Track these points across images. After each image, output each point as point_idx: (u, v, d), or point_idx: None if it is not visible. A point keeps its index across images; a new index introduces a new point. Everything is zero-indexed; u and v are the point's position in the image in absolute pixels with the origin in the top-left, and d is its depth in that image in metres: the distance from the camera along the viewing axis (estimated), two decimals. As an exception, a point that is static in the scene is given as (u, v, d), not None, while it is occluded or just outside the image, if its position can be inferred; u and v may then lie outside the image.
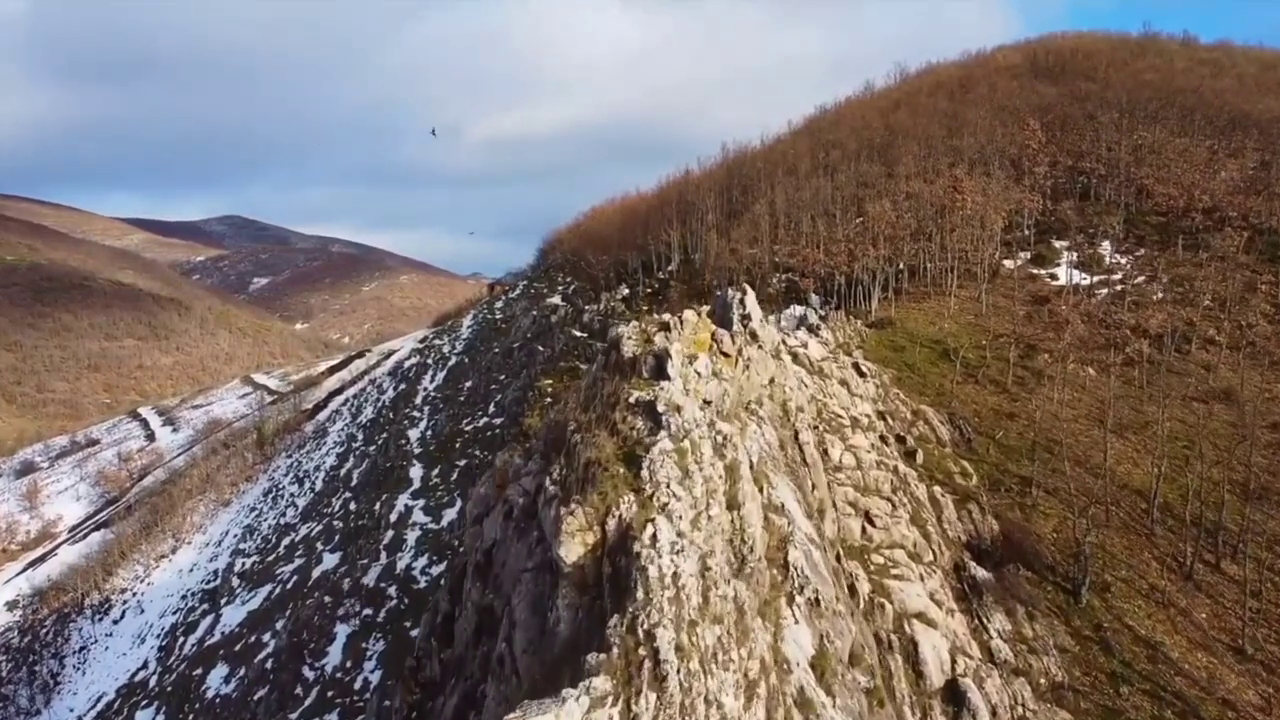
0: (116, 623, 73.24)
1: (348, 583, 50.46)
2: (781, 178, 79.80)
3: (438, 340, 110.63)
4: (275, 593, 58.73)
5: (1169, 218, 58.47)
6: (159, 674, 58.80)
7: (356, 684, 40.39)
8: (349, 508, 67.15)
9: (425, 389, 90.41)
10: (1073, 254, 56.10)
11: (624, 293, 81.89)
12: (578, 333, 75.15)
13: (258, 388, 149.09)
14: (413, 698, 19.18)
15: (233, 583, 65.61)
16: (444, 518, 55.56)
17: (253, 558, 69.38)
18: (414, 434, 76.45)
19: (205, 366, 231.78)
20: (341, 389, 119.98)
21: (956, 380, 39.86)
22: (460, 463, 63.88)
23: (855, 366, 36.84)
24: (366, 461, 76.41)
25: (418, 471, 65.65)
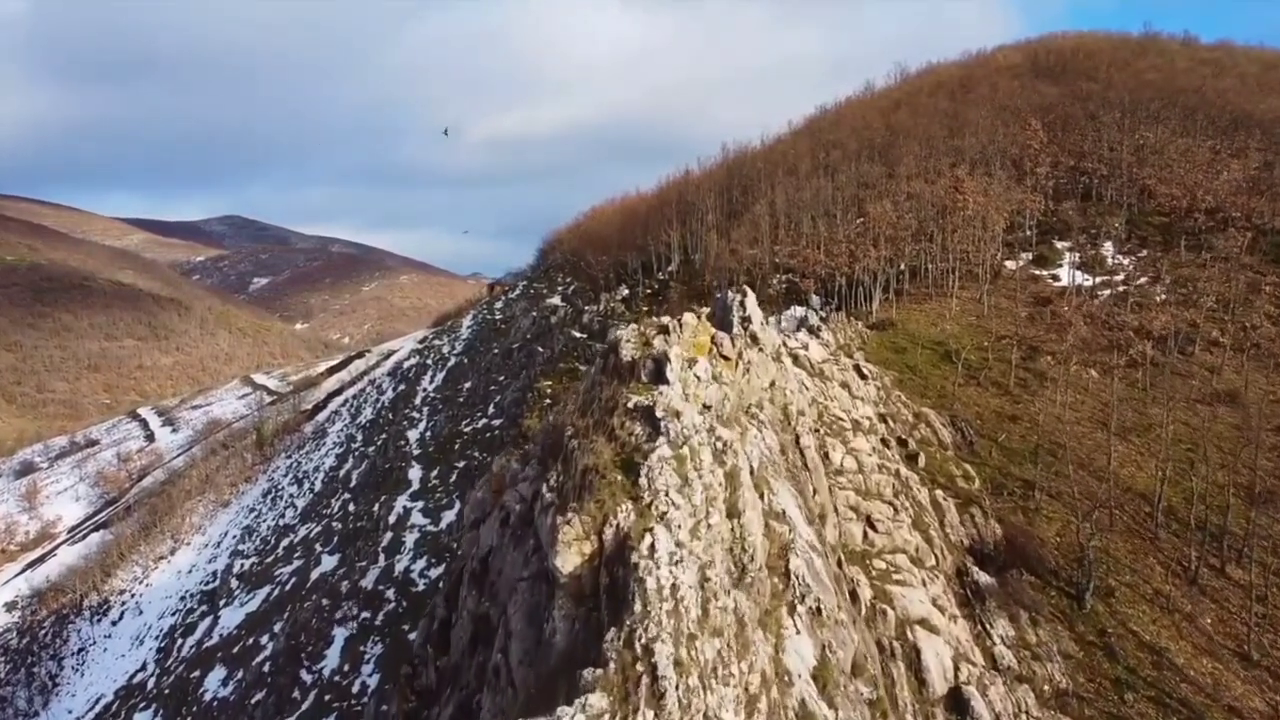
0: (115, 624, 73.02)
1: (346, 585, 50.24)
2: (782, 178, 79.52)
3: (437, 341, 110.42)
4: (274, 595, 58.51)
5: (1172, 218, 58.20)
6: (157, 676, 58.58)
7: (354, 688, 40.16)
8: (348, 509, 66.94)
9: (424, 390, 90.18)
10: (1075, 255, 55.84)
11: (624, 293, 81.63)
12: (577, 334, 74.92)
13: (257, 388, 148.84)
14: (408, 706, 18.90)
15: (231, 584, 65.40)
16: (443, 520, 55.33)
17: (251, 559, 69.16)
18: (413, 435, 76.23)
19: (205, 367, 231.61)
20: (341, 389, 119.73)
21: (958, 382, 39.59)
22: (459, 464, 63.67)
23: (856, 369, 36.57)
24: (365, 462, 76.19)
25: (416, 473, 65.43)
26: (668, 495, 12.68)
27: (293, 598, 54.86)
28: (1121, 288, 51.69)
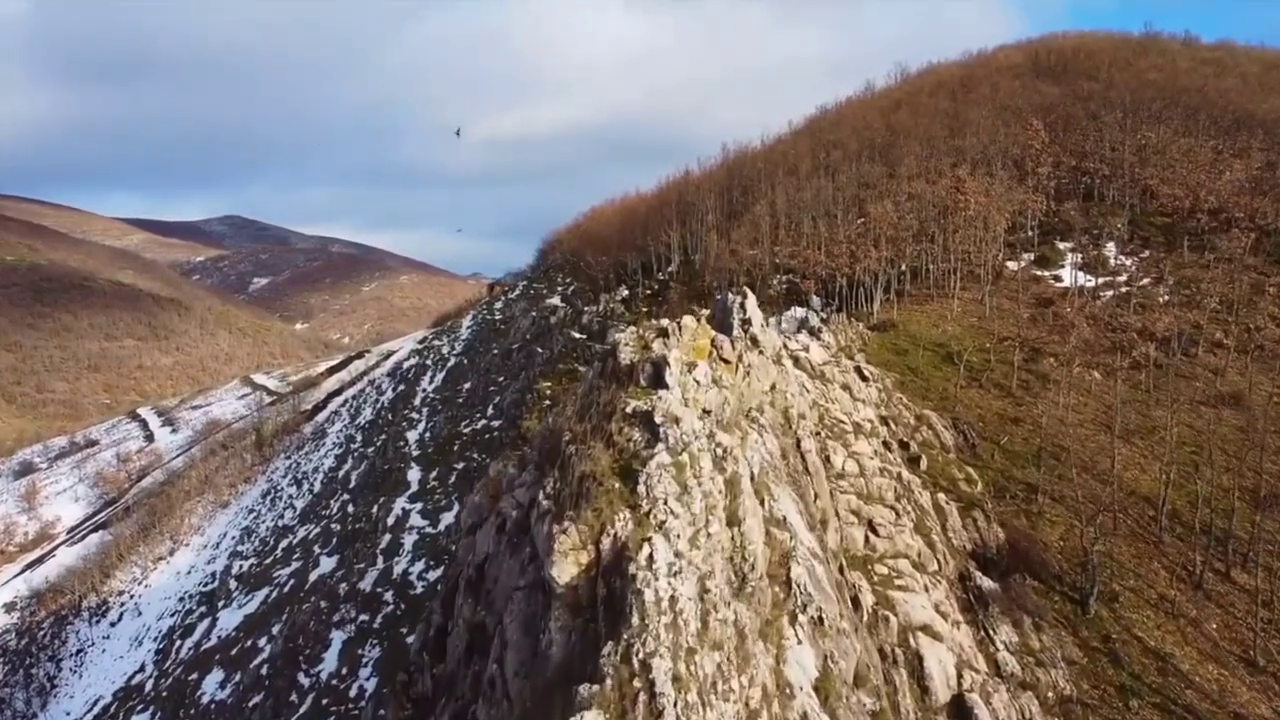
0: (114, 625, 72.82)
1: (344, 587, 50.00)
2: (782, 178, 79.22)
3: (437, 341, 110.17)
4: (272, 596, 58.28)
5: (1174, 219, 57.88)
6: (155, 678, 58.36)
7: (352, 691, 39.90)
8: (347, 510, 66.70)
9: (424, 390, 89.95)
10: (1077, 255, 55.55)
11: (623, 294, 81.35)
12: (576, 334, 74.67)
13: (257, 388, 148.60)
14: (404, 714, 18.65)
15: (230, 585, 65.16)
16: (441, 521, 55.08)
17: (250, 560, 68.91)
18: (412, 436, 75.99)
19: (205, 367, 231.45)
20: (340, 390, 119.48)
21: (960, 384, 39.29)
22: (458, 465, 63.44)
23: (857, 370, 36.28)
24: (365, 463, 75.95)
25: (415, 474, 65.20)
26: (666, 503, 12.43)
27: (291, 600, 54.62)
28: (1124, 289, 51.39)
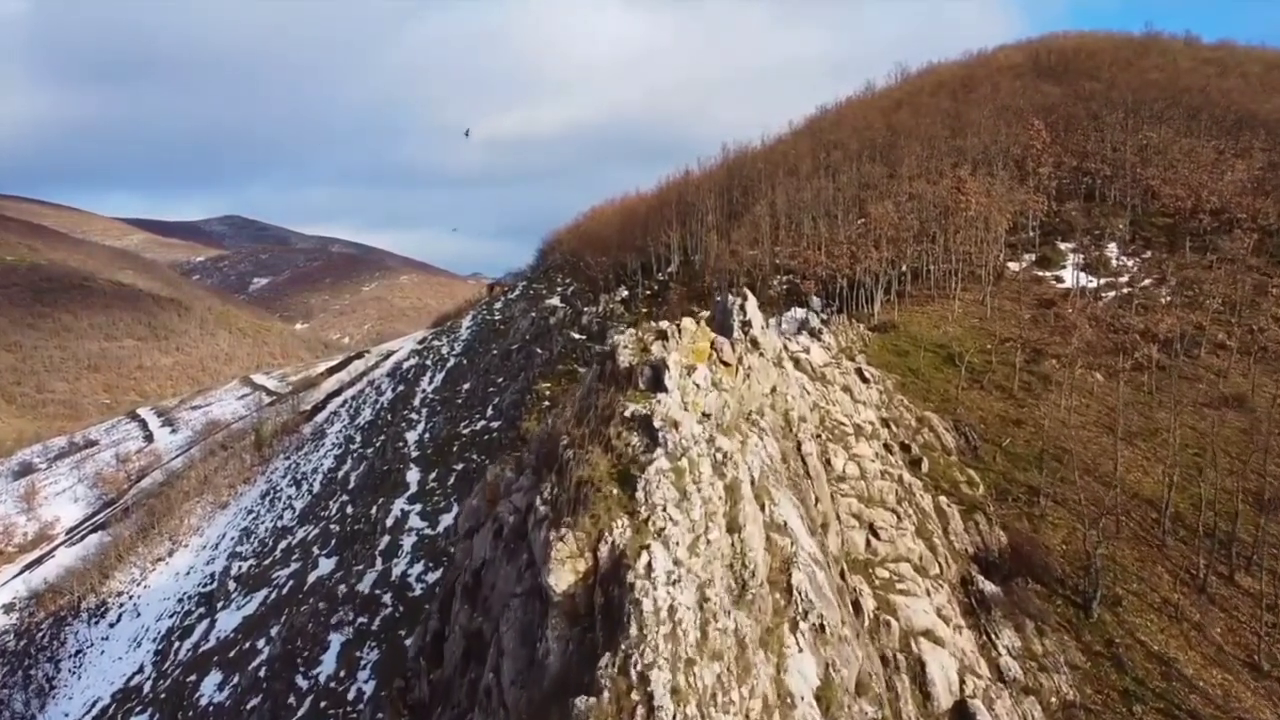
0: (113, 626, 72.65)
1: (343, 589, 49.80)
2: (782, 178, 79.02)
3: (436, 341, 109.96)
4: (271, 598, 58.09)
5: (1176, 219, 57.67)
6: (153, 679, 58.17)
7: (350, 694, 39.71)
8: (346, 511, 66.51)
9: (423, 391, 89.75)
10: (1078, 256, 55.37)
11: (623, 294, 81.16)
12: (576, 335, 74.48)
13: (256, 388, 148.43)
14: (401, 720, 18.43)
15: (229, 587, 64.98)
16: (440, 523, 54.89)
17: (249, 561, 68.74)
18: (411, 437, 75.80)
19: (205, 367, 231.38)
20: (340, 390, 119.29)
21: (961, 386, 39.07)
22: (457, 467, 63.24)
23: (858, 372, 36.08)
24: (364, 464, 75.76)
25: (415, 475, 65.00)
26: (665, 510, 12.22)
27: (289, 601, 54.44)
28: (1126, 290, 51.19)
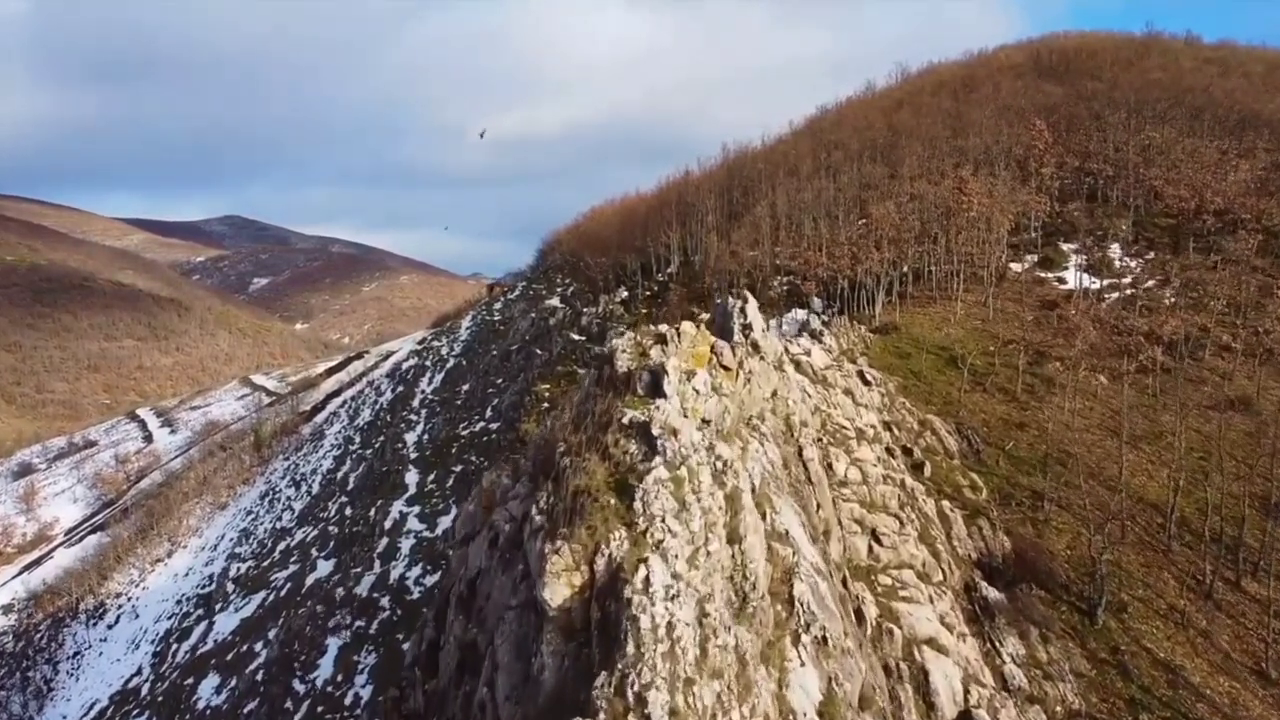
0: (111, 628, 72.34)
1: (340, 592, 49.48)
2: (783, 179, 78.68)
3: (436, 342, 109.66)
4: (269, 600, 57.77)
5: (1179, 220, 57.29)
6: (151, 682, 57.87)
7: (347, 699, 39.39)
8: (344, 513, 66.20)
9: (423, 392, 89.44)
10: (1081, 257, 54.99)
11: (623, 295, 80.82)
12: (575, 336, 74.16)
13: (256, 389, 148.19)
14: (395, 731, 18.12)
15: (227, 588, 64.67)
16: (439, 525, 54.58)
17: (248, 563, 68.43)
18: (410, 438, 75.49)
19: (205, 367, 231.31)
20: (339, 391, 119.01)
21: (964, 388, 38.74)
22: (456, 468, 62.94)
23: (860, 375, 35.74)
24: (363, 465, 75.43)
25: (413, 477, 64.68)
26: (664, 521, 11.90)
27: (287, 604, 54.12)
28: (1129, 291, 50.81)
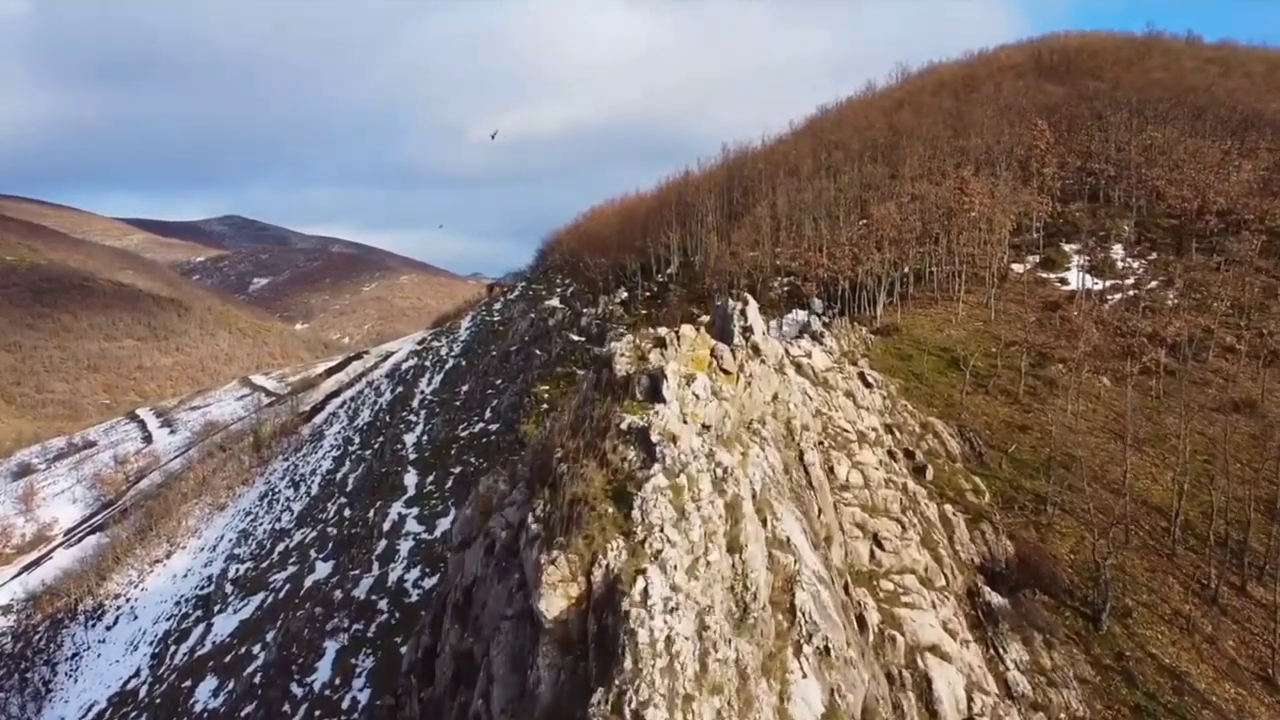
0: (110, 629, 72.13)
1: (339, 594, 49.21)
2: (783, 179, 78.42)
3: (435, 342, 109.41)
4: (267, 602, 57.51)
5: (1182, 220, 56.99)
6: (150, 684, 57.63)
7: (344, 703, 39.12)
8: (343, 514, 65.94)
9: (422, 392, 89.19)
10: (1083, 258, 54.69)
11: (622, 296, 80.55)
12: (575, 336, 73.89)
13: (255, 389, 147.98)
14: (391, 740, 17.89)
15: (226, 589, 64.44)
16: (437, 527, 54.33)
17: (247, 564, 68.19)
18: (409, 439, 75.24)
19: (205, 367, 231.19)
20: (339, 391, 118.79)
21: (966, 391, 38.43)
22: (455, 470, 62.69)
23: (861, 376, 35.47)
24: (362, 466, 75.18)
25: (412, 478, 64.42)
26: (663, 530, 11.64)
27: (286, 605, 53.86)
28: (1132, 292, 50.51)
